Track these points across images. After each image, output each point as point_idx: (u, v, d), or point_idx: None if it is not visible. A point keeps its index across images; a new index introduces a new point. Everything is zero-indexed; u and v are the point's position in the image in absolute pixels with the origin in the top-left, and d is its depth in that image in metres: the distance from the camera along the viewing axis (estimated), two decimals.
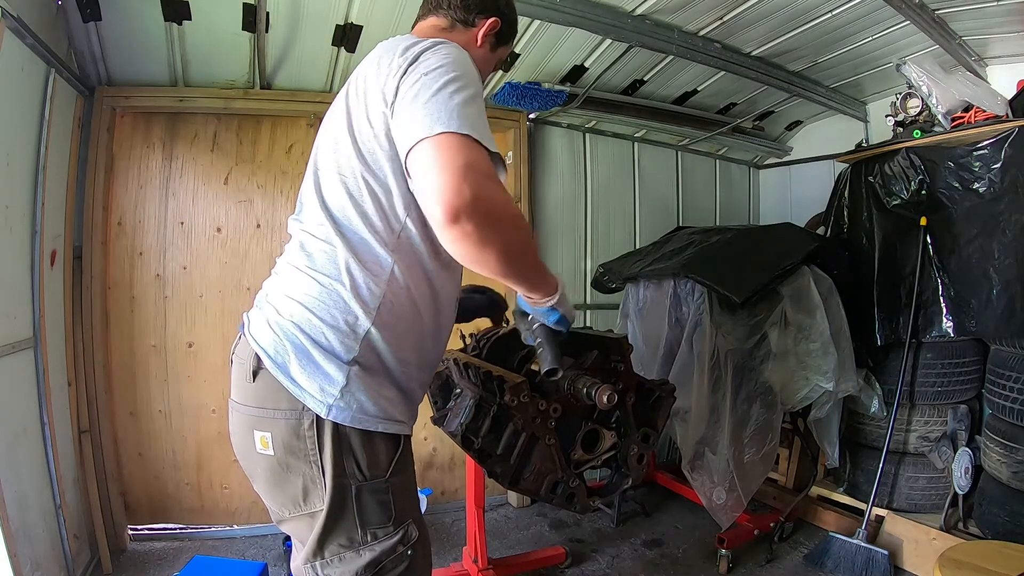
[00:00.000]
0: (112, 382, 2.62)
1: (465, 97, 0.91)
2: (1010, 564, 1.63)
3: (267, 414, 0.99)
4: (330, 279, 0.99)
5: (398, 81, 0.94)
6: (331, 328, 0.97)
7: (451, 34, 1.20)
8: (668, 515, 3.02)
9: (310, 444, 0.97)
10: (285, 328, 0.99)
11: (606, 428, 1.49)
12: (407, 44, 1.00)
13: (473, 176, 0.84)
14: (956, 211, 2.50)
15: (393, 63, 0.97)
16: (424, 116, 0.88)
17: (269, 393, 0.99)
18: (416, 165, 0.88)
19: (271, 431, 0.99)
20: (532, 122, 3.29)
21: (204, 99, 2.64)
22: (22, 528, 1.84)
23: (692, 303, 2.51)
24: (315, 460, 0.97)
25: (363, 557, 0.98)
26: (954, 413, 2.53)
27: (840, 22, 2.54)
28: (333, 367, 0.96)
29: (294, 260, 1.05)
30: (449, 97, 0.90)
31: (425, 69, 0.94)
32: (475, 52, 1.19)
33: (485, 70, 1.26)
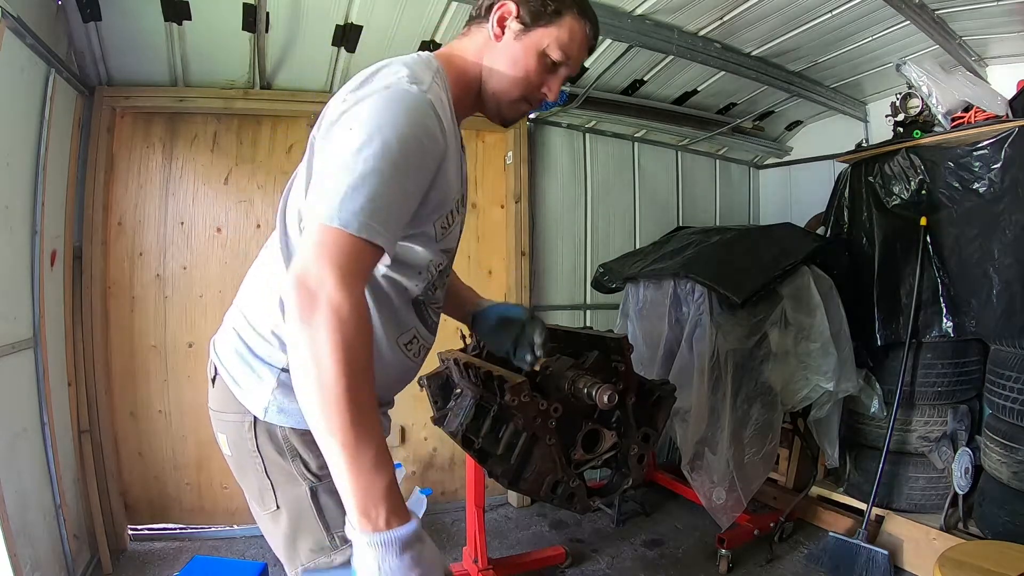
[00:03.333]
0: (112, 382, 2.62)
1: (366, 170, 0.77)
2: (1010, 564, 1.63)
3: (223, 416, 1.01)
4: (275, 294, 0.96)
5: (327, 125, 0.89)
6: (270, 339, 0.96)
7: (465, 41, 1.07)
8: (668, 515, 3.02)
9: (251, 445, 0.97)
10: (230, 336, 1.02)
11: (606, 428, 1.49)
12: (362, 76, 0.91)
13: (316, 284, 0.72)
14: (956, 211, 2.50)
15: (338, 96, 0.91)
16: (316, 192, 0.79)
17: (223, 396, 1.00)
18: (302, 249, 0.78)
19: (226, 433, 1.01)
20: (532, 122, 3.29)
21: (204, 99, 2.64)
22: (22, 528, 1.84)
23: (692, 303, 2.50)
24: (258, 463, 0.97)
25: (335, 561, 0.94)
26: (954, 413, 2.53)
27: (840, 22, 2.54)
28: (265, 371, 0.95)
29: (253, 275, 1.07)
30: (346, 177, 0.76)
31: (346, 122, 0.83)
32: (502, 55, 1.01)
33: (529, 70, 1.01)
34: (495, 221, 3.28)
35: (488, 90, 1.05)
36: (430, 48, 2.54)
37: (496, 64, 1.03)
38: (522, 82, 1.02)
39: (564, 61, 1.01)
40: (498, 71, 1.02)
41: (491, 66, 1.03)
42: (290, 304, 0.72)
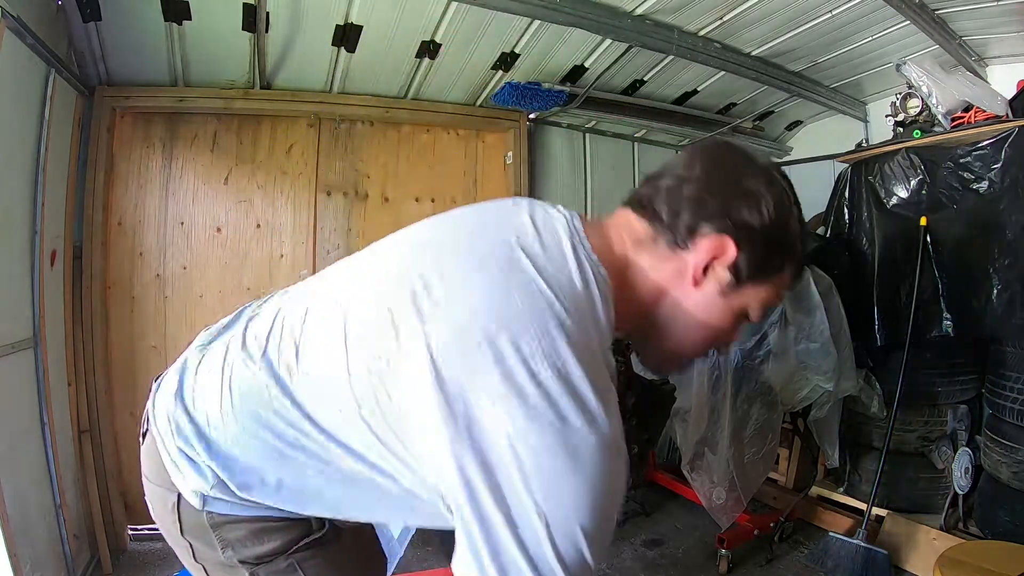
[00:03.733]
0: (112, 382, 2.62)
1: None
2: (1010, 564, 1.63)
3: (148, 484, 0.87)
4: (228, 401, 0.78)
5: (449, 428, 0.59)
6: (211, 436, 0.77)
7: (648, 257, 0.74)
8: (668, 515, 3.02)
9: (175, 530, 0.83)
10: (179, 410, 0.80)
11: None
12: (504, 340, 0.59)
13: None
14: (956, 211, 2.50)
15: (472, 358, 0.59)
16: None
17: (151, 462, 0.84)
18: None
19: (151, 503, 0.88)
20: (532, 122, 3.29)
21: (204, 99, 2.64)
22: (22, 528, 1.84)
23: None
24: (186, 547, 0.84)
25: None
26: (954, 413, 2.53)
27: (840, 22, 2.53)
28: (208, 469, 0.75)
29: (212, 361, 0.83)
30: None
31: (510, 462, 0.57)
32: (693, 299, 0.74)
33: (725, 326, 0.77)
34: None
35: (666, 335, 0.77)
36: (430, 48, 2.54)
37: (686, 310, 0.75)
38: (712, 338, 0.79)
39: (762, 316, 0.81)
40: (686, 320, 0.75)
41: (677, 309, 0.75)
42: None
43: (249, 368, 0.75)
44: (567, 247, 0.69)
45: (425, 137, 3.16)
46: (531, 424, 0.57)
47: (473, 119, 3.17)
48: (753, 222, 0.71)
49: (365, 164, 3.01)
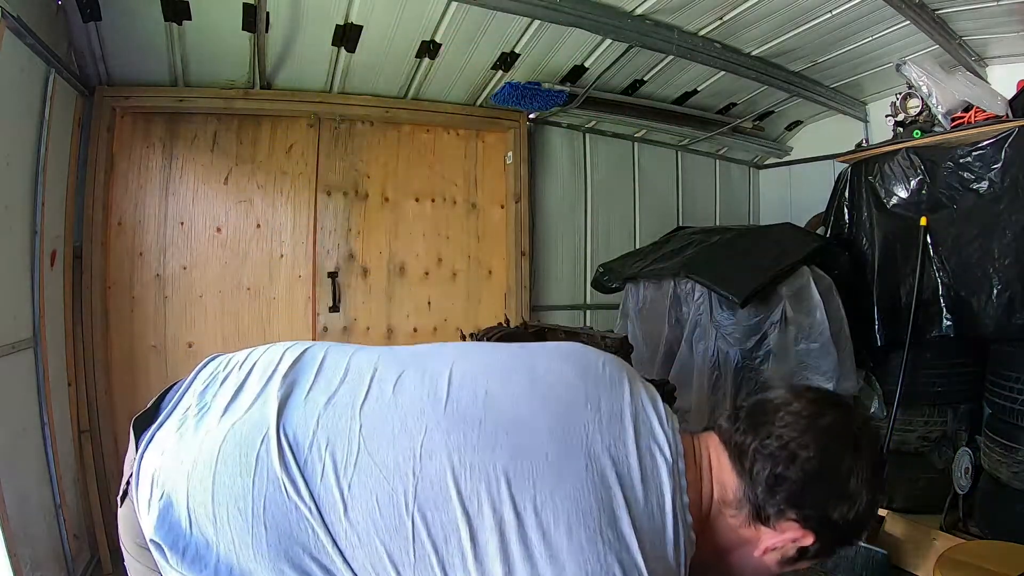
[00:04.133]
0: (112, 382, 2.61)
1: None
2: (1010, 564, 1.63)
3: (128, 551, 0.83)
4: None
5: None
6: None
7: (730, 519, 0.74)
8: None
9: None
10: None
11: None
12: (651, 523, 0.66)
13: None
14: (956, 211, 2.50)
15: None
16: None
17: (129, 524, 0.80)
18: None
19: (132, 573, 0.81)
20: (532, 122, 3.29)
21: (204, 99, 2.64)
22: (22, 528, 1.83)
23: (692, 303, 2.50)
24: None
25: None
26: (954, 413, 2.53)
27: (840, 22, 2.53)
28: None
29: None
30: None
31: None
32: (752, 562, 0.76)
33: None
34: (495, 221, 3.28)
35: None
36: (430, 48, 2.54)
37: (744, 566, 0.77)
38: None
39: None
40: (741, 573, 0.79)
41: (738, 564, 0.77)
42: None
43: (282, 494, 0.67)
44: (668, 507, 0.68)
45: (425, 137, 3.16)
46: None
47: (473, 119, 3.17)
48: (840, 521, 0.71)
49: (365, 164, 3.02)
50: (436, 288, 3.15)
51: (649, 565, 0.63)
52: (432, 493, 0.65)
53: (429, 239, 3.12)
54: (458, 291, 3.21)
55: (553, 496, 0.64)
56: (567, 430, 0.69)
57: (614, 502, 0.65)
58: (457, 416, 0.70)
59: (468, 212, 3.24)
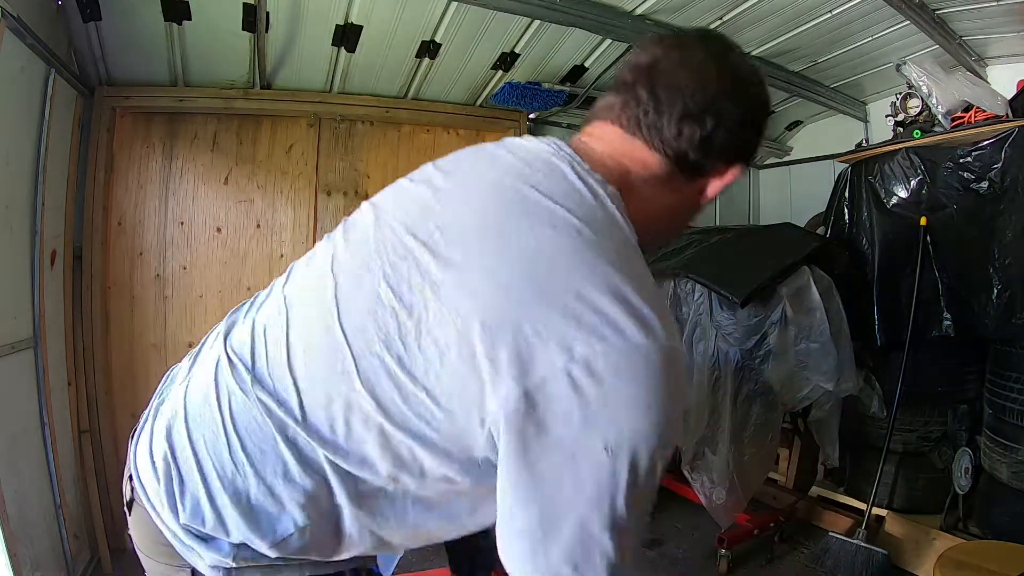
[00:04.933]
0: (112, 382, 2.61)
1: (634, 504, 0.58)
2: (1010, 564, 1.63)
3: (147, 561, 0.83)
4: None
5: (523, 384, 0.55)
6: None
7: (660, 190, 0.72)
8: (668, 515, 3.02)
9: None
10: (173, 465, 0.72)
11: None
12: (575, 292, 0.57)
13: None
14: (956, 211, 2.50)
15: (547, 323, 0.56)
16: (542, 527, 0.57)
17: (147, 533, 0.80)
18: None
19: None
20: (532, 122, 3.29)
21: (204, 99, 2.64)
22: (22, 528, 1.84)
23: (692, 303, 2.50)
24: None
25: None
26: (954, 413, 2.52)
27: (840, 22, 2.53)
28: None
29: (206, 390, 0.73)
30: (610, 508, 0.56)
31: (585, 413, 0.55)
32: (685, 199, 0.76)
33: (686, 216, 0.81)
34: None
35: (663, 229, 0.81)
36: (430, 48, 2.54)
37: (680, 207, 0.79)
38: (690, 219, 0.84)
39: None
40: (680, 215, 0.81)
41: (673, 209, 0.78)
42: None
43: (242, 396, 0.69)
44: (569, 174, 0.67)
45: (425, 137, 3.16)
46: (590, 347, 0.55)
47: (473, 119, 3.17)
48: (755, 147, 0.76)
49: (365, 164, 3.02)
50: None
51: (582, 219, 0.62)
52: (353, 303, 0.66)
53: None
54: None
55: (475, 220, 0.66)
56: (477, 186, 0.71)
57: (524, 193, 0.65)
58: (358, 240, 0.72)
59: None
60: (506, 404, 0.56)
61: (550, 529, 0.56)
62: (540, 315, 0.56)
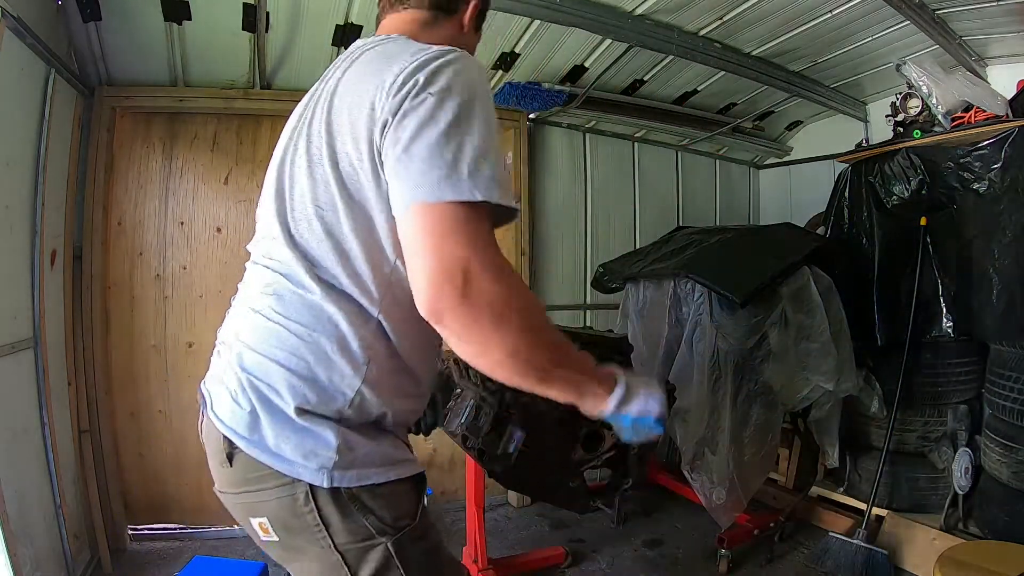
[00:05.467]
0: (112, 382, 2.62)
1: (481, 140, 0.76)
2: (1010, 564, 1.63)
3: (257, 497, 0.84)
4: (308, 330, 0.82)
5: (400, 99, 0.76)
6: (315, 387, 0.82)
7: (436, 30, 0.99)
8: (668, 515, 3.02)
9: (311, 520, 0.81)
10: (259, 393, 0.82)
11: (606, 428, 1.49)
12: (411, 50, 0.82)
13: (461, 271, 0.71)
14: (956, 211, 2.50)
15: (394, 70, 0.79)
16: (421, 170, 0.73)
17: (251, 474, 0.83)
18: (403, 237, 0.76)
19: (266, 515, 0.85)
20: (532, 122, 3.29)
21: (204, 99, 2.64)
22: (22, 528, 1.84)
23: (692, 303, 2.50)
24: (323, 538, 0.82)
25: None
26: (954, 413, 2.53)
27: (840, 22, 2.54)
28: (323, 429, 0.81)
29: (258, 305, 0.87)
30: (460, 145, 0.74)
31: (436, 93, 0.76)
32: (465, 41, 1.02)
33: (463, 42, 1.03)
34: None
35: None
36: None
37: (454, 37, 1.02)
38: (470, 47, 1.09)
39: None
40: (458, 43, 0.99)
41: (452, 39, 0.99)
42: (432, 309, 0.74)
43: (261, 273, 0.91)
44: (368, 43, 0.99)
45: None
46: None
47: None
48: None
49: None
50: None
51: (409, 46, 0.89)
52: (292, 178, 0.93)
53: None
54: None
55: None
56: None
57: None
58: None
59: None
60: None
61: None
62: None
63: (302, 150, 0.90)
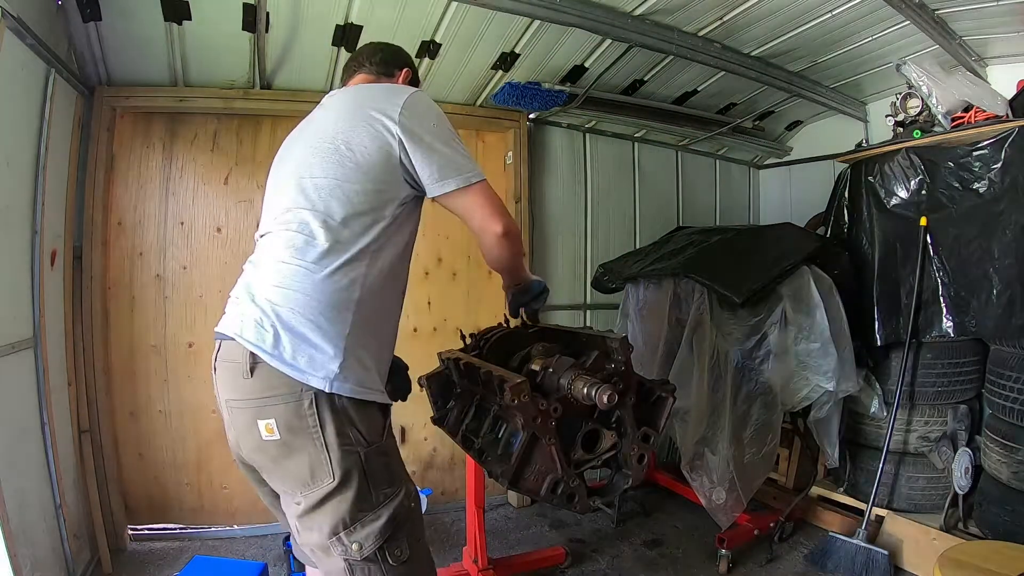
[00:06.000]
0: (112, 382, 2.62)
1: (463, 145, 1.28)
2: (1010, 564, 1.63)
3: (268, 402, 1.09)
4: (321, 267, 1.14)
5: (399, 113, 1.21)
6: (328, 309, 1.12)
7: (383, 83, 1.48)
8: (668, 515, 3.02)
9: (311, 422, 1.09)
10: (281, 317, 1.11)
11: (606, 428, 1.49)
12: (390, 87, 1.38)
13: (504, 209, 1.31)
14: (956, 211, 2.50)
15: (383, 98, 1.25)
16: (452, 165, 1.23)
17: (268, 383, 1.10)
18: (466, 203, 1.26)
19: (274, 416, 1.09)
20: (532, 122, 3.29)
21: (204, 99, 2.64)
22: (22, 528, 1.84)
23: (692, 303, 2.50)
24: (317, 437, 1.09)
25: (381, 517, 1.11)
26: (954, 413, 2.53)
27: (840, 22, 2.54)
28: (331, 345, 1.11)
29: (280, 254, 1.17)
30: (461, 149, 1.26)
31: (426, 114, 1.24)
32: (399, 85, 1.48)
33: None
34: None
35: None
36: (430, 48, 2.55)
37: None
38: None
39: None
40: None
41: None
42: (505, 229, 1.30)
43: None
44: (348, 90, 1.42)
45: None
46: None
47: (473, 119, 3.17)
48: (412, 62, 1.60)
49: None
50: (436, 288, 3.15)
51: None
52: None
53: (429, 239, 3.11)
54: (458, 291, 3.22)
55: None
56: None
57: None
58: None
59: None
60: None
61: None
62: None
63: (323, 145, 1.24)
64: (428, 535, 1.31)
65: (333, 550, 1.10)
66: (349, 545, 1.09)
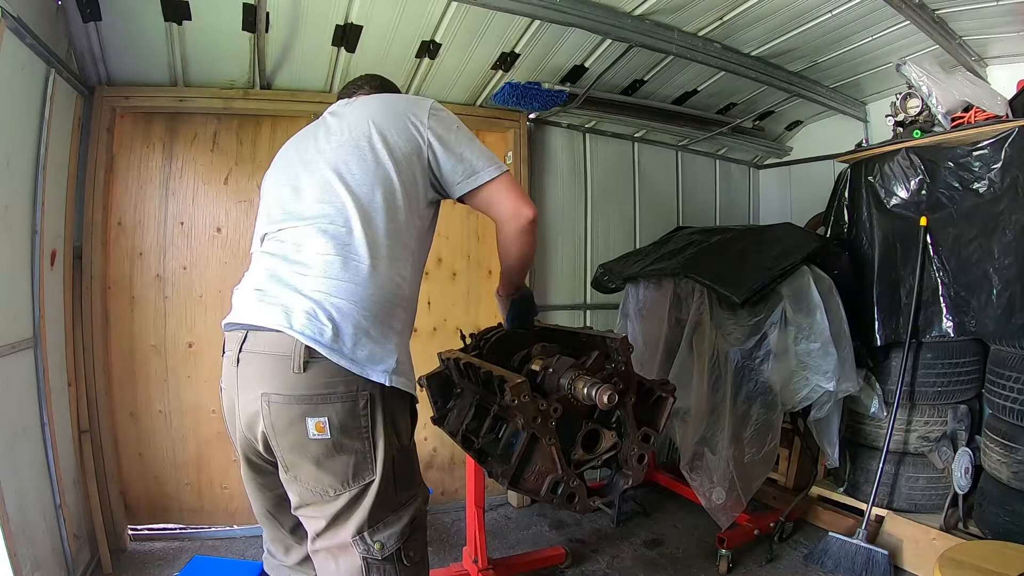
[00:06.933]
0: (112, 382, 2.62)
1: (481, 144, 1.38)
2: (1010, 564, 1.63)
3: (324, 399, 1.08)
4: (374, 263, 1.16)
5: (427, 117, 1.30)
6: (385, 305, 1.16)
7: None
8: (668, 515, 3.02)
9: (364, 422, 1.11)
10: (341, 310, 1.11)
11: (606, 428, 1.49)
12: (412, 96, 1.52)
13: (528, 198, 1.37)
14: (956, 211, 2.50)
15: (410, 104, 1.35)
16: (481, 160, 1.31)
17: (325, 378, 1.08)
18: (498, 192, 1.31)
19: (327, 415, 1.08)
20: (532, 122, 3.29)
21: (204, 99, 2.64)
22: (22, 528, 1.84)
23: (692, 303, 2.50)
24: (367, 436, 1.11)
25: (403, 518, 1.14)
26: (954, 413, 2.53)
27: (840, 22, 2.54)
28: (389, 341, 1.15)
29: (321, 247, 1.16)
30: (482, 146, 1.36)
31: (449, 119, 1.35)
32: None
33: None
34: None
35: None
36: (430, 48, 2.55)
37: None
38: None
39: None
40: None
41: None
42: (532, 216, 1.33)
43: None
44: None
45: None
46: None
47: (473, 119, 3.16)
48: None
49: None
50: (436, 288, 3.15)
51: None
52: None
53: None
54: (458, 291, 3.22)
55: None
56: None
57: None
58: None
59: (468, 212, 3.24)
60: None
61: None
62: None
63: (356, 150, 1.27)
64: (428, 535, 1.31)
65: (355, 548, 1.10)
66: (372, 544, 1.10)
